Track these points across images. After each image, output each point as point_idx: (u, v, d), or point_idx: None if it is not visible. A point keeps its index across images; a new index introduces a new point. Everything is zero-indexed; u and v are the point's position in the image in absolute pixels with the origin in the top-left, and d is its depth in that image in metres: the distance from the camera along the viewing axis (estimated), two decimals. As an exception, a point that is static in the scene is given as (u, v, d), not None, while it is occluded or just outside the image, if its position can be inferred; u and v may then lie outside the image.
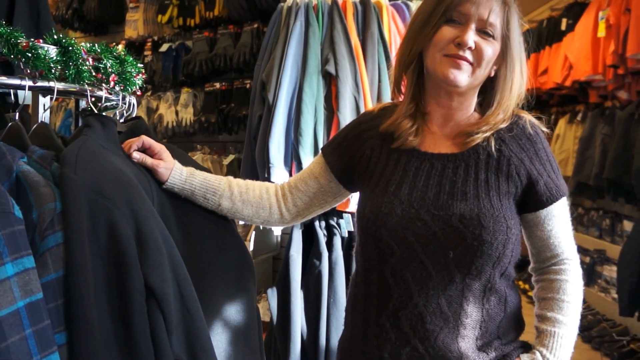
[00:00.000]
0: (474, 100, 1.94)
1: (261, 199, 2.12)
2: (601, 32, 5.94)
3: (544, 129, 1.94)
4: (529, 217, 1.91)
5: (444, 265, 1.79)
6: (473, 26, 1.80)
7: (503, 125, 1.88)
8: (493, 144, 1.85)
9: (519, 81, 1.89)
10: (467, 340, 1.82)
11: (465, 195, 1.80)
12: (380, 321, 1.88)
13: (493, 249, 1.77)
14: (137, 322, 1.47)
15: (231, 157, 5.15)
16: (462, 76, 1.81)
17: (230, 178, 2.13)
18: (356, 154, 2.05)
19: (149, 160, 1.94)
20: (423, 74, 1.94)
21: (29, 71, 1.69)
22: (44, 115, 1.88)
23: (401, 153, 1.94)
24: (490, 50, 1.81)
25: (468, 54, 1.80)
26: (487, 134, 1.86)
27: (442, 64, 1.83)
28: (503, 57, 1.86)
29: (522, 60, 1.90)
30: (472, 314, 1.82)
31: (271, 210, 2.13)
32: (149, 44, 5.78)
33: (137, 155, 1.93)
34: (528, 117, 1.93)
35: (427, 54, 1.87)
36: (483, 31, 1.81)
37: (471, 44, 1.79)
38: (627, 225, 6.41)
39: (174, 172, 1.97)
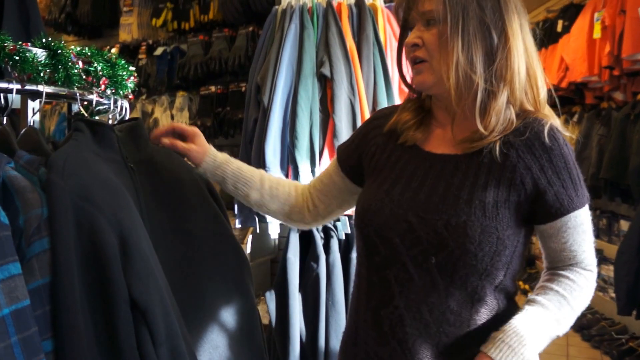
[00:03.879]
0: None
1: (289, 196, 2.17)
2: (597, 34, 5.93)
3: (567, 134, 1.79)
4: (540, 229, 1.79)
5: (427, 271, 1.73)
6: (417, 24, 1.78)
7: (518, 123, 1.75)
8: (498, 148, 1.72)
9: (521, 58, 1.75)
10: (450, 350, 1.74)
11: (457, 200, 1.71)
12: (366, 316, 1.85)
13: (478, 260, 1.68)
14: (122, 331, 1.46)
15: (228, 160, 5.13)
16: (424, 77, 1.78)
17: (263, 172, 2.20)
18: (364, 151, 2.02)
19: (179, 145, 2.05)
20: None
21: (16, 74, 1.67)
22: (32, 119, 1.87)
23: (404, 150, 1.89)
24: (434, 36, 1.74)
25: (419, 52, 1.77)
26: (495, 137, 1.73)
27: (413, 75, 1.84)
28: (456, 32, 1.72)
29: (472, 31, 1.72)
30: (456, 323, 1.73)
31: (295, 208, 2.18)
32: (144, 47, 5.75)
33: (166, 140, 2.04)
34: (549, 121, 1.76)
35: None
36: (427, 22, 1.76)
37: (413, 41, 1.76)
38: (624, 225, 6.42)
39: (208, 157, 2.08)
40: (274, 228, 3.87)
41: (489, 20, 1.72)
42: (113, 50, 5.76)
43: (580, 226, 1.77)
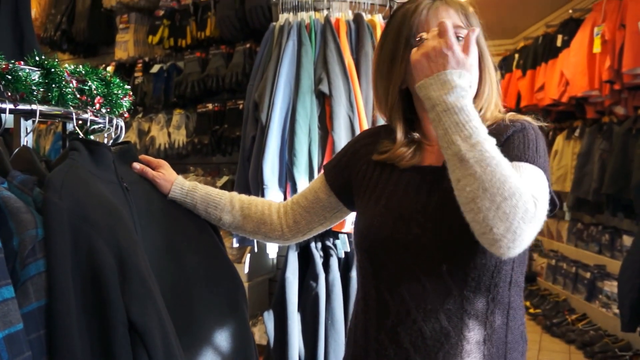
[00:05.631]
0: None
1: (262, 214, 2.17)
2: (597, 48, 5.94)
3: (544, 124, 1.84)
4: None
5: (439, 279, 1.72)
6: None
7: (486, 124, 1.73)
8: None
9: (494, 75, 1.85)
10: (472, 356, 1.73)
11: (454, 204, 1.63)
12: (379, 337, 1.82)
13: (487, 257, 1.67)
14: (120, 354, 1.43)
15: (225, 178, 5.12)
16: None
17: (234, 193, 2.22)
18: (354, 170, 2.02)
19: (149, 172, 2.09)
20: (408, 107, 1.90)
21: (9, 94, 1.64)
22: (26, 139, 1.84)
23: (395, 167, 1.89)
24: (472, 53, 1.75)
25: None
26: None
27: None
28: (485, 55, 1.83)
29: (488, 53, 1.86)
30: (475, 327, 1.73)
31: (272, 225, 2.17)
32: (140, 65, 5.73)
33: (137, 166, 2.08)
34: (522, 117, 1.82)
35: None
36: (457, 38, 1.72)
37: None
38: (627, 240, 6.42)
39: (175, 185, 2.11)
40: (272, 247, 3.86)
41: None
42: (109, 68, 5.74)
43: (526, 172, 1.64)
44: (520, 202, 1.44)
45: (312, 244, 3.70)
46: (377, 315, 1.83)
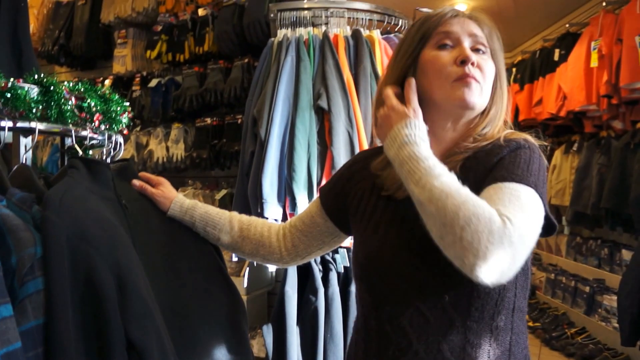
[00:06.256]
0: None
1: (262, 237, 2.16)
2: (594, 62, 5.94)
3: (543, 143, 1.80)
4: None
5: (442, 310, 1.67)
6: (467, 43, 1.76)
7: (484, 143, 1.77)
8: (459, 165, 1.72)
9: (506, 97, 1.86)
10: None
11: None
12: None
13: (490, 286, 1.59)
14: None
15: (223, 191, 5.09)
16: (475, 96, 1.73)
17: (234, 214, 2.21)
18: (349, 195, 2.00)
19: (149, 189, 2.10)
20: None
21: (8, 112, 1.64)
22: (25, 156, 1.84)
23: (391, 195, 1.85)
24: (490, 66, 1.77)
25: (473, 71, 1.72)
26: (466, 154, 1.74)
27: (453, 89, 1.73)
28: (500, 77, 1.83)
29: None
30: (477, 356, 1.68)
31: (271, 248, 2.15)
32: (138, 79, 5.72)
33: (137, 183, 2.09)
34: (520, 135, 1.79)
35: (433, 87, 1.76)
36: (475, 48, 1.76)
37: (474, 59, 1.72)
38: (626, 255, 6.40)
39: (175, 203, 2.12)
40: (271, 260, 3.84)
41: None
42: (106, 82, 5.72)
43: (507, 191, 1.56)
44: (479, 226, 1.41)
45: (311, 259, 3.69)
46: (378, 345, 1.79)
